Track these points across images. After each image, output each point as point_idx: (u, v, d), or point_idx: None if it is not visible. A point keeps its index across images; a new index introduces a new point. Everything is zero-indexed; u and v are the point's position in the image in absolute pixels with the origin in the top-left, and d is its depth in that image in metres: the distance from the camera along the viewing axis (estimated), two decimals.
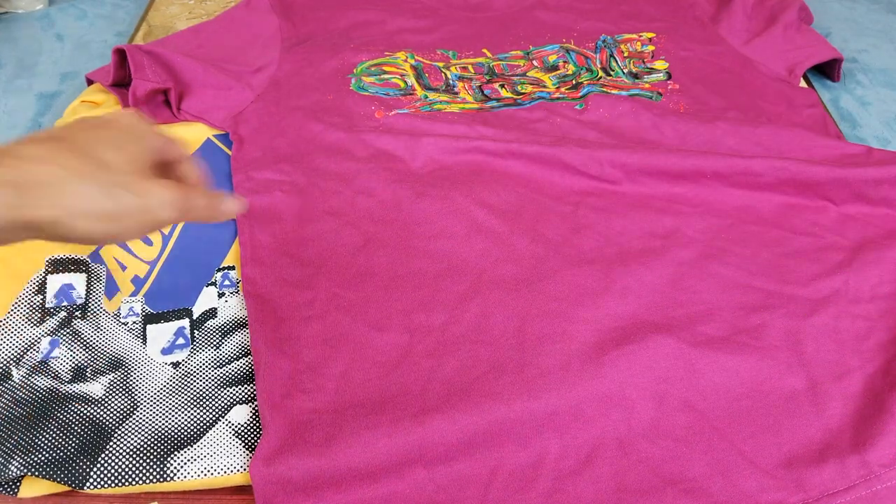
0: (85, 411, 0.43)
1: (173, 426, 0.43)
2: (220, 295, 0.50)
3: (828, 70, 0.73)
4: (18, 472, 0.40)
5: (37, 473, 0.40)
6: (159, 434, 0.42)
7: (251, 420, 0.43)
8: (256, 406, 0.44)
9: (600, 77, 0.68)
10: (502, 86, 0.67)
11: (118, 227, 0.31)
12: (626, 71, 0.69)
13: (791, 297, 0.50)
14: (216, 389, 0.45)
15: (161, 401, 0.44)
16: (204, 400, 0.44)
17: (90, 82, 0.67)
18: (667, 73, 0.68)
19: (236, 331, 0.48)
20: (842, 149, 0.60)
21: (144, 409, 0.44)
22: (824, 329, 0.48)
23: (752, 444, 0.42)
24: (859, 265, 0.51)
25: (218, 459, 0.41)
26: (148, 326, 0.48)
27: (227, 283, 0.51)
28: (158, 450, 0.41)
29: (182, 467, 0.41)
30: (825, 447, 0.42)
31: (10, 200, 0.28)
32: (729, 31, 0.73)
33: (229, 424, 0.43)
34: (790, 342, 0.47)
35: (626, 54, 0.71)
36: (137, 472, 0.40)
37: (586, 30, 0.74)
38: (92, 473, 0.40)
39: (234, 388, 0.45)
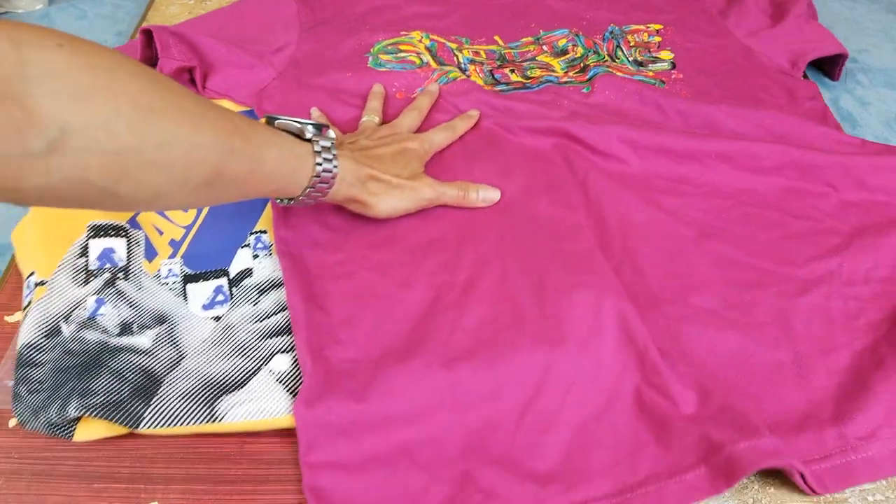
0: (135, 360, 0.45)
1: (219, 373, 0.45)
2: (255, 257, 0.53)
3: (828, 69, 0.73)
4: (77, 413, 0.42)
5: (95, 414, 0.42)
6: (207, 379, 0.45)
7: (292, 368, 0.46)
8: (296, 356, 0.46)
9: (606, 60, 0.71)
10: (512, 71, 0.70)
11: (399, 211, 0.53)
12: (630, 59, 0.72)
13: (785, 276, 0.51)
14: (257, 341, 0.48)
15: (206, 351, 0.47)
16: (246, 350, 0.47)
17: None
18: (671, 63, 0.71)
19: (272, 289, 0.51)
20: (839, 138, 0.61)
21: (191, 358, 0.46)
22: (815, 308, 0.49)
23: (731, 410, 0.43)
24: (856, 249, 0.52)
25: (263, 403, 0.44)
26: (188, 286, 0.51)
27: (259, 245, 0.54)
28: (207, 393, 0.44)
29: (230, 409, 0.43)
30: (805, 417, 0.44)
31: (357, 191, 0.50)
32: (737, 24, 0.75)
33: (271, 372, 0.46)
34: (779, 319, 0.49)
35: (632, 44, 0.73)
36: (188, 413, 0.43)
37: (595, 19, 0.76)
38: (146, 415, 0.43)
39: (273, 338, 0.48)
